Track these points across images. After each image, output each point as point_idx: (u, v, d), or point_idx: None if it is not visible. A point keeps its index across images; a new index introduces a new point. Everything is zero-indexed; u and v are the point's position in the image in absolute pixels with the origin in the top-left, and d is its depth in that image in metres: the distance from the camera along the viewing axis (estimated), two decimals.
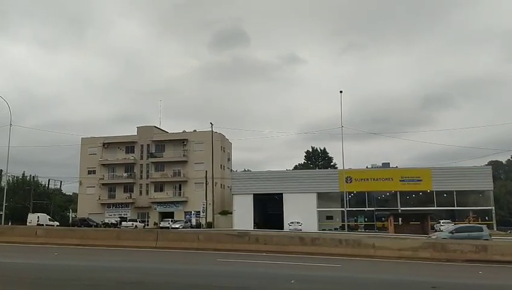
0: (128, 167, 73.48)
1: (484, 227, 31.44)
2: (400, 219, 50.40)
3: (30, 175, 75.64)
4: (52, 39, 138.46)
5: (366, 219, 60.23)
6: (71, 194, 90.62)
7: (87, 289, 9.52)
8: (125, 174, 73.03)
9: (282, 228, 54.86)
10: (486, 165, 71.94)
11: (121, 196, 72.32)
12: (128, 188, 72.71)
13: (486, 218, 57.25)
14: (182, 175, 70.72)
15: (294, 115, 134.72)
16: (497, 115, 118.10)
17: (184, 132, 74.27)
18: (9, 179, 67.10)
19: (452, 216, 57.09)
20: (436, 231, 50.73)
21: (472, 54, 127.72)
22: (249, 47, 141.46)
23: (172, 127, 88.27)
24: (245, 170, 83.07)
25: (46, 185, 75.06)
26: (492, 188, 58.91)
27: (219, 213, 64.02)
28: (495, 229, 55.22)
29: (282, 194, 60.28)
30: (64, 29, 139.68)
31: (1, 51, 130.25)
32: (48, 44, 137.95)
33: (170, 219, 61.86)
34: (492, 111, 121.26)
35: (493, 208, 57.25)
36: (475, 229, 30.33)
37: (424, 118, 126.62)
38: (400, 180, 58.66)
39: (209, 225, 57.83)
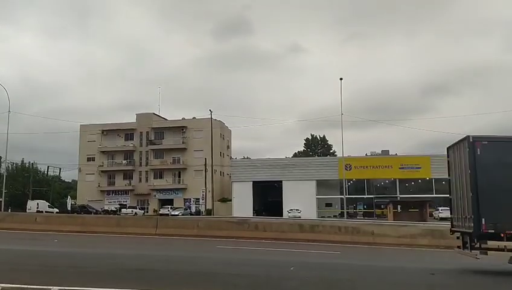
0: (128, 154, 73.52)
1: None
2: (399, 206, 50.59)
3: (29, 162, 75.82)
4: (55, 27, 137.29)
5: (365, 206, 60.49)
6: (70, 181, 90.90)
7: (87, 275, 9.54)
8: (124, 162, 73.09)
9: (281, 215, 55.08)
10: None
11: (120, 183, 72.48)
12: (127, 175, 72.84)
13: None
14: (181, 162, 70.80)
15: (296, 103, 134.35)
16: (497, 103, 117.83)
17: (183, 119, 74.18)
18: (8, 166, 67.26)
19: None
20: (434, 218, 51.21)
21: (473, 43, 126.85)
22: (252, 36, 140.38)
23: (174, 115, 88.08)
24: (244, 158, 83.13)
25: (45, 172, 75.25)
26: None
27: (218, 200, 64.20)
28: None
29: (281, 181, 60.40)
30: (67, 17, 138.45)
31: (5, 39, 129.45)
32: (51, 32, 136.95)
33: (170, 206, 62.08)
34: (493, 99, 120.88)
35: None
36: None
37: (425, 107, 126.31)
38: (399, 168, 58.75)
39: (209, 212, 58.03)
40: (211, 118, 60.67)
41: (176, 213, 56.41)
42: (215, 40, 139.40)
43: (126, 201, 69.73)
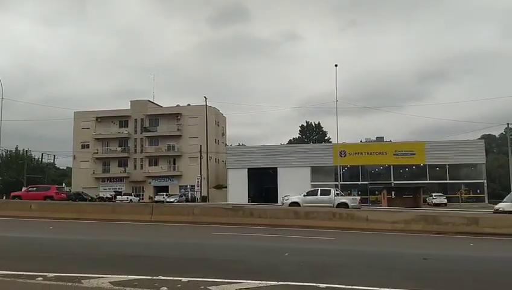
0: (122, 141, 73.35)
1: None
2: (393, 192, 50.93)
3: (23, 149, 75.55)
4: (52, 14, 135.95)
5: (359, 193, 60.62)
6: (65, 168, 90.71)
7: (83, 262, 9.57)
8: (119, 149, 72.93)
9: (276, 201, 55.22)
10: (479, 138, 72.34)
11: (115, 170, 72.41)
12: (122, 162, 72.74)
13: (478, 191, 57.98)
14: (176, 149, 70.76)
15: (293, 91, 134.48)
16: (493, 89, 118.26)
17: (178, 106, 73.92)
18: (2, 153, 66.98)
19: (444, 189, 57.74)
20: (428, 204, 51.57)
21: (470, 29, 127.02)
22: (249, 24, 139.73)
23: (170, 103, 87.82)
24: (239, 145, 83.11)
25: (40, 159, 75.04)
26: (485, 162, 59.41)
27: (214, 187, 64.32)
28: (487, 202, 56.00)
29: (276, 168, 60.52)
30: (64, 3, 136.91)
31: (2, 26, 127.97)
32: (49, 19, 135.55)
33: (165, 193, 62.16)
34: (488, 86, 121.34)
35: (485, 181, 57.85)
36: None
37: (421, 93, 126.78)
38: (394, 154, 59.01)
39: (204, 199, 58.17)
40: (206, 105, 60.49)
41: (171, 200, 56.53)
42: (212, 28, 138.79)
43: (121, 188, 69.71)
